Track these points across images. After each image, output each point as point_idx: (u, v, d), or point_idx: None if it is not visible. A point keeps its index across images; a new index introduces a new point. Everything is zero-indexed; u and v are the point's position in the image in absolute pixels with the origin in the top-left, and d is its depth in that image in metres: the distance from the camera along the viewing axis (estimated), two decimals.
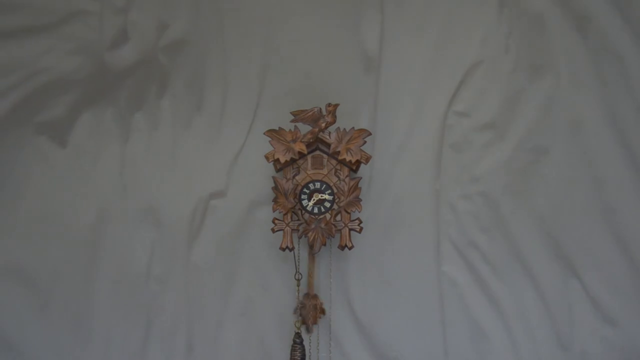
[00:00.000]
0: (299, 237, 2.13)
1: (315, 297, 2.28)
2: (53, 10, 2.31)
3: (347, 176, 2.11)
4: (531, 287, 2.35)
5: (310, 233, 2.09)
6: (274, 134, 2.06)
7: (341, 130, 2.07)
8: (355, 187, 2.10)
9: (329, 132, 2.08)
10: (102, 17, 2.32)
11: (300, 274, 2.18)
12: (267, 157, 2.06)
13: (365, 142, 2.07)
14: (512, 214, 2.34)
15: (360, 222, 2.13)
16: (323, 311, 2.29)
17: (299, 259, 2.18)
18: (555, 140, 2.30)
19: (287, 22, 2.32)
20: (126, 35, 2.32)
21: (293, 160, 2.08)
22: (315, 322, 2.27)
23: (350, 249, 2.12)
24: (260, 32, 2.32)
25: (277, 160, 2.06)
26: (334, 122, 2.06)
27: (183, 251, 2.35)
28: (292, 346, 2.18)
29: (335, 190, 2.10)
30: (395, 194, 2.35)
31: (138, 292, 2.35)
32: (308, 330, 2.28)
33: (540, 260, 2.34)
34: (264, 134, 2.06)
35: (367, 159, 2.10)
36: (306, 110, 2.04)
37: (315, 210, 2.09)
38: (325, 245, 2.11)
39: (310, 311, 2.25)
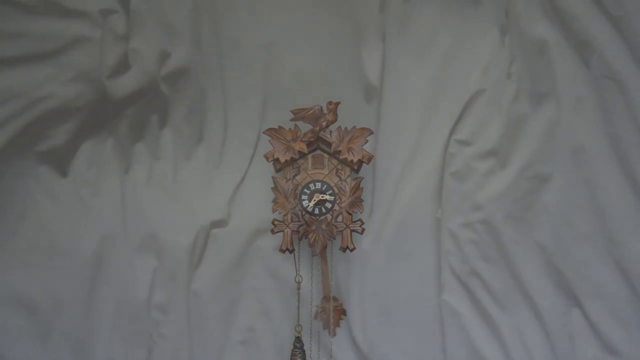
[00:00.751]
0: (299, 239, 2.10)
1: (335, 299, 2.26)
2: (54, 38, 2.34)
3: (348, 176, 2.08)
4: (532, 316, 2.33)
5: (310, 234, 2.06)
6: (274, 132, 2.05)
7: (342, 129, 2.06)
8: (357, 188, 2.08)
9: (330, 131, 2.06)
10: (103, 44, 2.34)
11: (301, 276, 2.13)
12: (266, 157, 2.05)
13: (367, 141, 2.06)
14: (513, 242, 2.31)
15: (362, 223, 2.09)
16: (344, 312, 2.28)
17: (299, 261, 2.14)
18: (558, 167, 2.28)
19: (287, 52, 2.33)
20: (127, 63, 2.34)
21: (293, 160, 2.06)
22: (338, 325, 2.27)
23: (352, 250, 2.09)
24: (261, 62, 2.33)
25: (277, 159, 2.04)
26: (335, 120, 2.04)
27: (184, 279, 2.34)
28: (293, 351, 2.14)
29: (336, 191, 2.08)
30: (396, 223, 2.33)
31: (139, 321, 2.35)
32: (329, 333, 2.26)
33: (541, 289, 2.32)
34: (264, 132, 2.06)
35: (369, 159, 2.08)
36: (306, 108, 2.04)
37: (316, 211, 2.07)
38: (326, 247, 2.07)
39: (330, 314, 2.21)
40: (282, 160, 2.03)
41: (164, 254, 2.34)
